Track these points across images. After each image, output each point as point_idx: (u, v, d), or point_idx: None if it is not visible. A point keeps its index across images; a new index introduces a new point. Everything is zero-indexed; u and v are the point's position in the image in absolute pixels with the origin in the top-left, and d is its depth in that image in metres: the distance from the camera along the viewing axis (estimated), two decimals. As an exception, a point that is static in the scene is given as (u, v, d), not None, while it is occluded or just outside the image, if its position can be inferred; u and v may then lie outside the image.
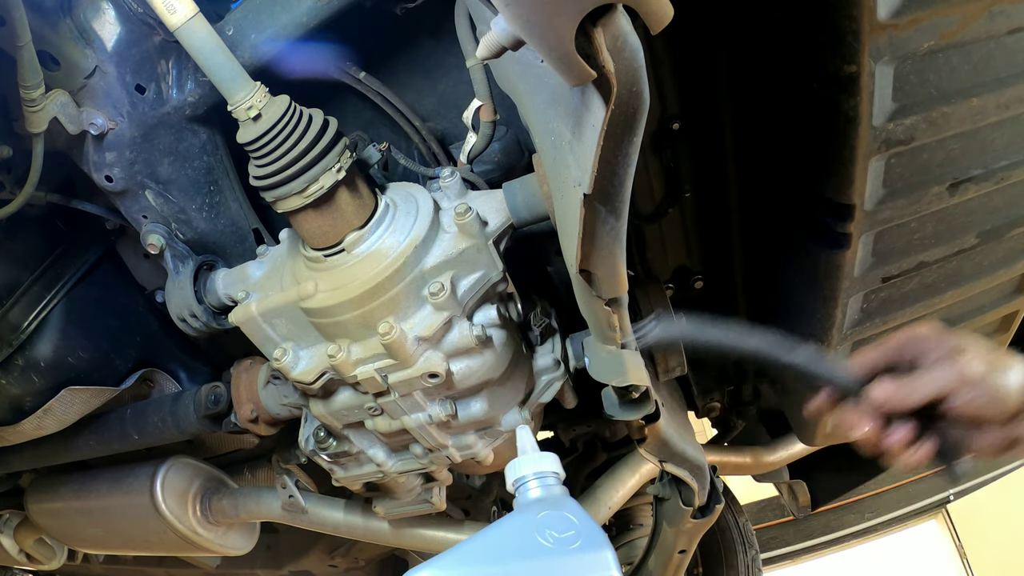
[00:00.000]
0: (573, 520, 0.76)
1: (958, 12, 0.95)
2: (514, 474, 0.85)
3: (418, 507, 1.47)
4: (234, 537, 1.83)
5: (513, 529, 0.77)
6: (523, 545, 0.74)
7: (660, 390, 1.44)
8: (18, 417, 1.41)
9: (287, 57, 1.09)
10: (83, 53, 1.06)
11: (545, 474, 0.84)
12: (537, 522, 0.76)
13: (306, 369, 1.12)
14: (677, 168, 1.37)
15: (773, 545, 5.08)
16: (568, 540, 0.74)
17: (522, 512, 0.80)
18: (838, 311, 1.31)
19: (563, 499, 0.81)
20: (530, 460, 0.85)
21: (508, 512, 0.83)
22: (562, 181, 0.84)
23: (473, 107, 1.16)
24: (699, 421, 2.28)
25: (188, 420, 1.42)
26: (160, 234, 1.24)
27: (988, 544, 5.51)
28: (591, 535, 0.74)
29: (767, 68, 1.17)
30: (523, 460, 0.85)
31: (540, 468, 0.84)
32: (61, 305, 1.39)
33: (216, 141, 1.21)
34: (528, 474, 0.84)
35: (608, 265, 0.84)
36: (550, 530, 0.74)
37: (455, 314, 1.06)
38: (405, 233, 1.06)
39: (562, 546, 0.73)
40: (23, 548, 2.05)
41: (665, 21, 0.56)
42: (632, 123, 0.63)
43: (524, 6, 0.56)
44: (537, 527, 0.75)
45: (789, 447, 2.25)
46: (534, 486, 0.83)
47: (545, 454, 0.86)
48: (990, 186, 1.18)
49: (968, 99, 1.05)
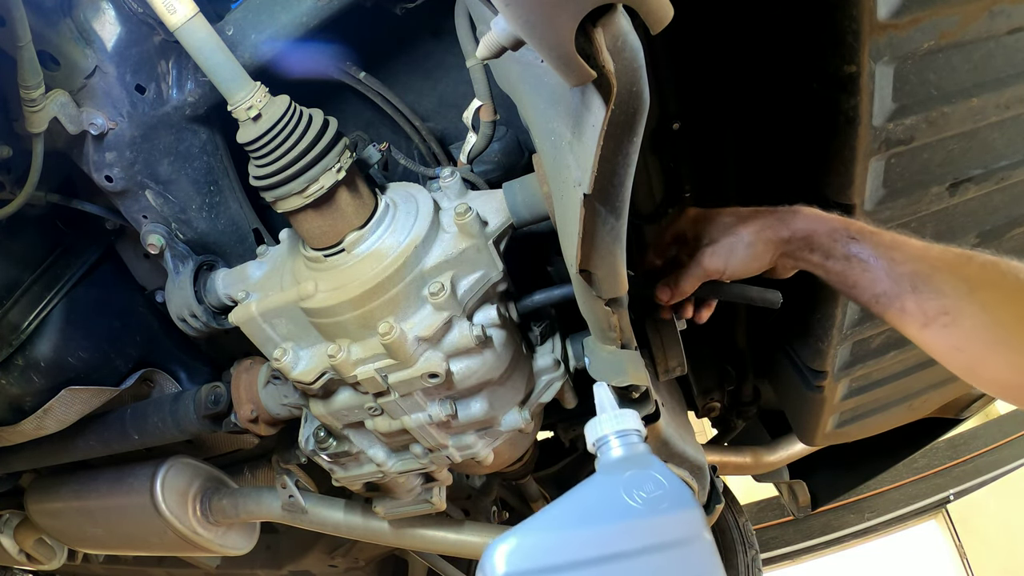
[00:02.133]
0: (660, 479, 0.73)
1: (958, 12, 0.95)
2: (595, 433, 0.81)
3: (418, 507, 1.47)
4: (234, 537, 1.83)
5: (599, 491, 0.75)
6: (611, 507, 0.71)
7: (660, 390, 1.44)
8: (18, 417, 1.41)
9: (287, 57, 1.09)
10: (83, 53, 1.06)
11: (628, 432, 0.81)
12: (624, 482, 0.73)
13: (306, 369, 1.12)
14: (677, 168, 1.37)
15: (773, 545, 5.09)
16: (657, 500, 0.71)
17: (607, 473, 0.77)
18: (838, 311, 1.31)
19: (648, 457, 0.78)
20: (611, 418, 0.81)
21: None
22: (562, 181, 0.84)
23: (473, 107, 1.16)
24: (699, 421, 2.28)
25: (188, 420, 1.42)
26: (160, 234, 1.24)
27: (988, 544, 5.51)
28: (679, 494, 0.72)
29: (767, 68, 1.17)
30: (604, 418, 0.82)
31: (622, 426, 0.81)
32: (61, 305, 1.39)
33: (216, 141, 1.21)
34: (610, 433, 0.80)
35: (608, 265, 0.84)
36: (637, 490, 0.72)
37: (455, 314, 1.06)
38: (405, 233, 1.06)
39: (651, 506, 0.71)
40: (23, 548, 2.05)
41: (665, 21, 0.56)
42: (632, 123, 0.63)
43: (524, 6, 0.56)
44: (624, 487, 0.73)
45: (789, 447, 2.25)
46: (616, 445, 0.80)
47: (626, 411, 0.83)
48: (990, 186, 1.18)
49: (968, 99, 1.05)
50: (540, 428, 1.56)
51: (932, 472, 5.07)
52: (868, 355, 1.45)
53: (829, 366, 1.43)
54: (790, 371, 1.58)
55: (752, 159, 1.33)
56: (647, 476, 0.74)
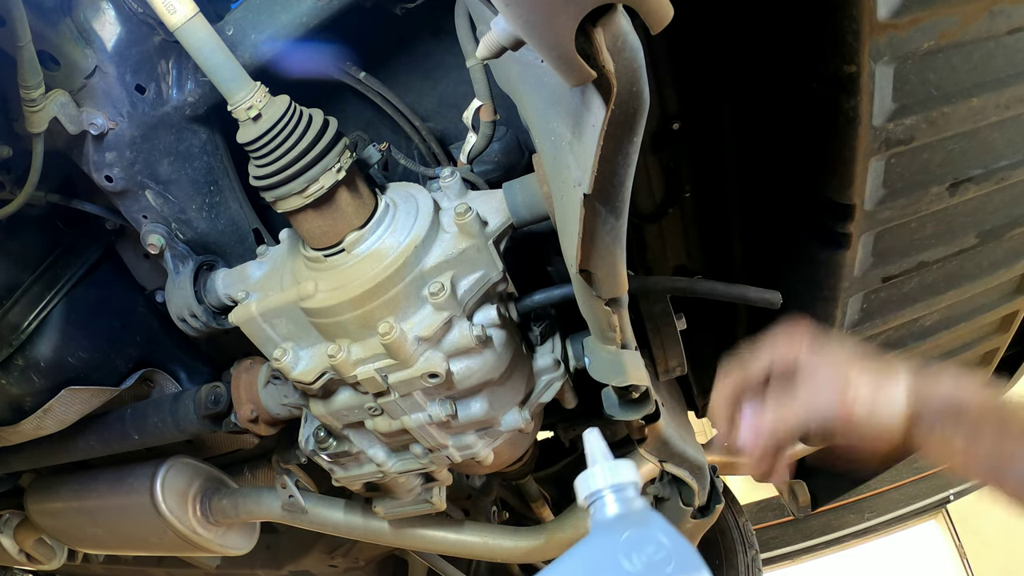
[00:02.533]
0: (662, 539, 0.65)
1: (958, 12, 0.95)
2: (587, 488, 0.72)
3: (418, 507, 1.47)
4: (234, 537, 1.83)
5: (594, 555, 0.67)
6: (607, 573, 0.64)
7: (660, 390, 1.44)
8: (18, 417, 1.41)
9: (287, 57, 1.09)
10: (83, 53, 1.06)
11: (623, 485, 0.71)
12: (621, 544, 0.66)
13: (306, 369, 1.12)
14: (677, 168, 1.37)
15: (773, 545, 5.08)
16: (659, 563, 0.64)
17: (601, 533, 0.68)
18: (838, 311, 1.31)
19: (647, 514, 0.69)
20: (605, 470, 0.72)
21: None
22: (562, 181, 0.84)
23: (473, 107, 1.16)
24: (699, 421, 2.28)
25: (188, 420, 1.42)
26: (160, 234, 1.24)
27: (988, 544, 5.51)
28: (684, 556, 0.65)
29: (767, 68, 1.17)
30: (596, 471, 0.72)
31: (618, 479, 0.71)
32: (61, 305, 1.39)
33: (216, 141, 1.21)
34: (604, 487, 0.71)
35: (608, 265, 0.84)
36: (636, 553, 0.64)
37: (455, 314, 1.06)
38: (405, 233, 1.06)
39: (653, 570, 0.63)
40: (23, 548, 2.05)
41: (665, 21, 0.56)
42: (632, 123, 0.63)
43: (524, 6, 0.56)
44: (622, 550, 0.65)
45: (789, 447, 2.25)
46: (611, 501, 0.71)
47: (621, 462, 0.73)
48: (990, 186, 1.18)
49: (968, 99, 1.05)
50: (540, 428, 1.56)
51: (932, 472, 5.06)
52: (868, 355, 1.45)
53: (829, 366, 1.43)
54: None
55: (752, 159, 1.33)
56: (647, 536, 0.66)
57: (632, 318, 1.05)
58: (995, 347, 1.61)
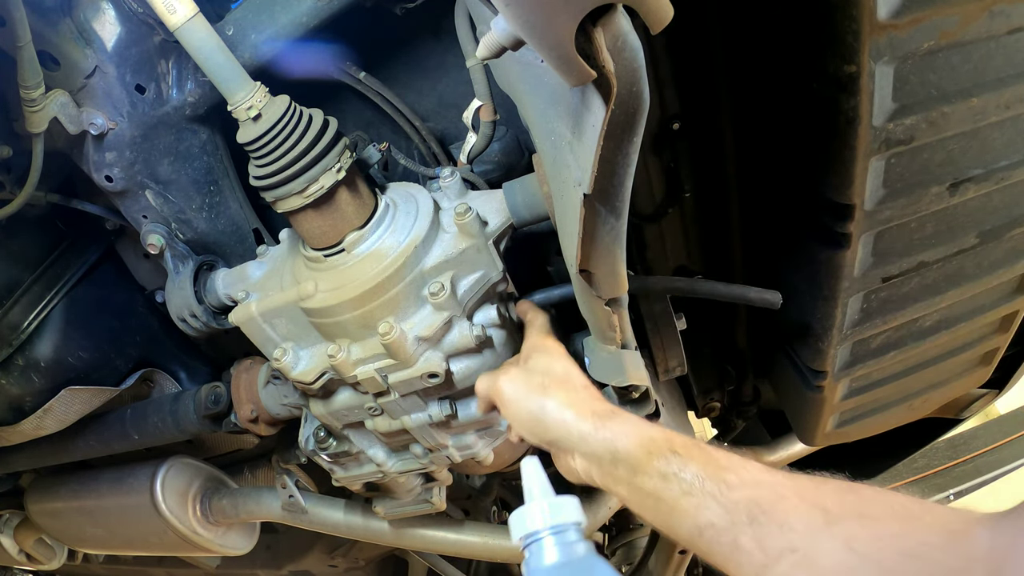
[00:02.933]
0: None
1: (958, 12, 0.95)
2: (522, 528, 0.62)
3: (418, 507, 1.47)
4: (234, 537, 1.83)
5: None
6: None
7: (660, 390, 1.45)
8: (18, 417, 1.41)
9: (287, 57, 1.09)
10: (83, 53, 1.06)
11: (565, 527, 0.61)
12: None
13: (306, 369, 1.12)
14: (677, 168, 1.37)
15: (773, 545, 5.08)
16: None
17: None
18: (838, 311, 1.31)
19: (591, 561, 0.59)
20: (542, 509, 0.62)
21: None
22: (562, 181, 0.84)
23: (473, 107, 1.16)
24: (699, 421, 2.28)
25: (188, 420, 1.42)
26: (160, 234, 1.24)
27: (988, 544, 5.50)
28: None
29: (767, 68, 1.17)
30: (533, 508, 0.62)
31: (557, 519, 0.61)
32: (61, 305, 1.39)
33: (216, 141, 1.21)
34: (542, 528, 0.61)
35: (608, 265, 0.84)
36: None
37: (455, 314, 1.06)
38: (405, 233, 1.06)
39: None
40: (23, 548, 2.05)
41: (665, 21, 0.56)
42: (632, 123, 0.63)
43: (524, 6, 0.56)
44: None
45: (789, 447, 2.25)
46: (550, 545, 0.60)
47: (563, 498, 0.63)
48: (990, 186, 1.18)
49: (968, 99, 1.04)
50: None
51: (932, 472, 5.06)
52: (868, 355, 1.45)
53: (829, 366, 1.43)
54: (790, 371, 1.58)
55: (752, 159, 1.33)
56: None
57: (632, 318, 1.05)
58: (995, 347, 1.61)
